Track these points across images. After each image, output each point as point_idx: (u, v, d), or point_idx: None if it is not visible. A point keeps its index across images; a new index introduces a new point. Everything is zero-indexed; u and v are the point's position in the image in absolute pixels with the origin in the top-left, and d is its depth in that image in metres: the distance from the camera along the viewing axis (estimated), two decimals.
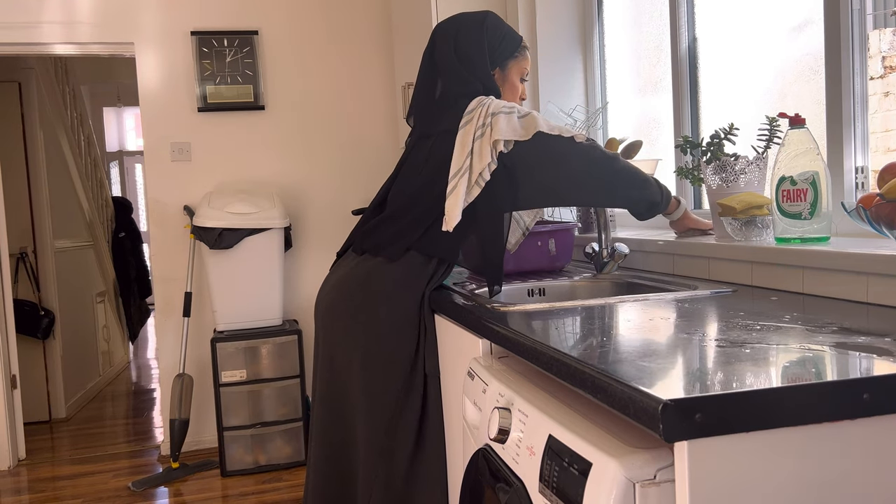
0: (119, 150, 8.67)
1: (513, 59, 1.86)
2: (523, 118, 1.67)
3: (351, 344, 1.73)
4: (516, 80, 1.88)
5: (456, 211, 1.63)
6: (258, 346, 3.26)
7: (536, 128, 1.65)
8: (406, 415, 1.70)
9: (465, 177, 1.64)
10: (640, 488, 0.78)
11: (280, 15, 3.66)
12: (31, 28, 3.42)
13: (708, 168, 1.74)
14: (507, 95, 1.86)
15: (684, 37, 2.27)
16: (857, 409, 0.77)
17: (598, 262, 1.93)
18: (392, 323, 1.70)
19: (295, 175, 3.71)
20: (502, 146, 1.65)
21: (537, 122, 1.66)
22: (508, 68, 1.86)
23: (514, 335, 1.17)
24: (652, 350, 0.99)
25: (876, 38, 1.58)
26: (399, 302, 1.71)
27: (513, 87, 1.88)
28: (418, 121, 1.86)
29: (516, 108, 1.69)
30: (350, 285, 1.76)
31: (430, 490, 1.70)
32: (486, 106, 1.68)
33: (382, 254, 1.73)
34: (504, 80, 1.86)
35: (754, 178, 1.68)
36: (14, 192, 4.11)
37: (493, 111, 1.67)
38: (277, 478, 3.20)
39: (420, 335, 1.72)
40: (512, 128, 1.65)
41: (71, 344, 4.50)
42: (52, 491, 3.19)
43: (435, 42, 1.82)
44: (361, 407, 1.71)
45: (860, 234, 1.53)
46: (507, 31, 1.86)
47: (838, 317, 1.15)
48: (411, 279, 1.71)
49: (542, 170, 1.66)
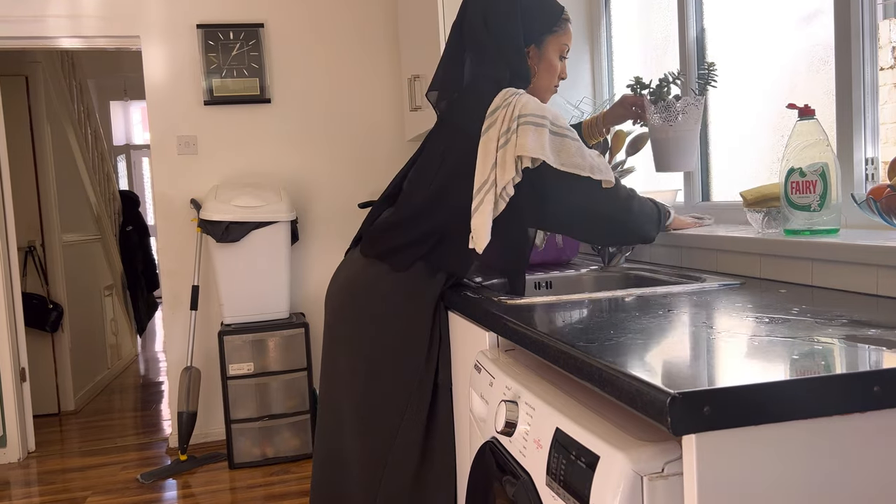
0: (126, 143, 8.69)
1: (551, 33, 1.67)
2: (556, 137, 1.52)
3: (354, 352, 1.67)
4: (555, 57, 1.69)
5: (485, 230, 1.51)
6: (265, 339, 3.26)
7: (567, 162, 1.52)
8: (408, 432, 1.64)
9: (492, 191, 1.52)
10: (648, 481, 0.78)
11: (286, 8, 3.66)
12: (37, 22, 3.43)
13: (653, 107, 1.90)
14: (544, 77, 1.70)
15: (692, 28, 2.25)
16: (868, 402, 0.76)
17: (605, 255, 1.92)
18: (398, 334, 1.64)
19: (301, 168, 3.70)
20: (529, 163, 1.51)
21: (570, 153, 1.52)
22: (546, 44, 1.67)
23: (520, 328, 1.16)
24: (659, 343, 0.99)
25: (886, 28, 1.56)
26: (406, 313, 1.64)
27: (550, 67, 1.70)
28: (439, 99, 1.72)
29: (547, 118, 1.53)
30: (357, 291, 1.68)
31: (435, 498, 1.66)
32: (512, 107, 1.53)
33: (389, 262, 1.66)
34: (541, 57, 1.68)
35: (692, 117, 1.87)
36: (22, 186, 4.12)
37: (519, 115, 1.51)
38: (285, 470, 3.22)
39: (431, 346, 1.65)
40: (540, 145, 1.50)
41: (79, 337, 4.52)
42: (62, 483, 3.21)
43: (466, 11, 1.66)
44: (362, 416, 1.66)
45: (870, 225, 1.52)
46: (546, 1, 1.68)
47: (848, 309, 1.14)
48: (419, 290, 1.64)
49: (561, 204, 1.56)
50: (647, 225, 1.65)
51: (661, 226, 1.71)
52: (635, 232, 1.64)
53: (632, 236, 1.67)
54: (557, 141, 1.52)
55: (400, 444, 1.64)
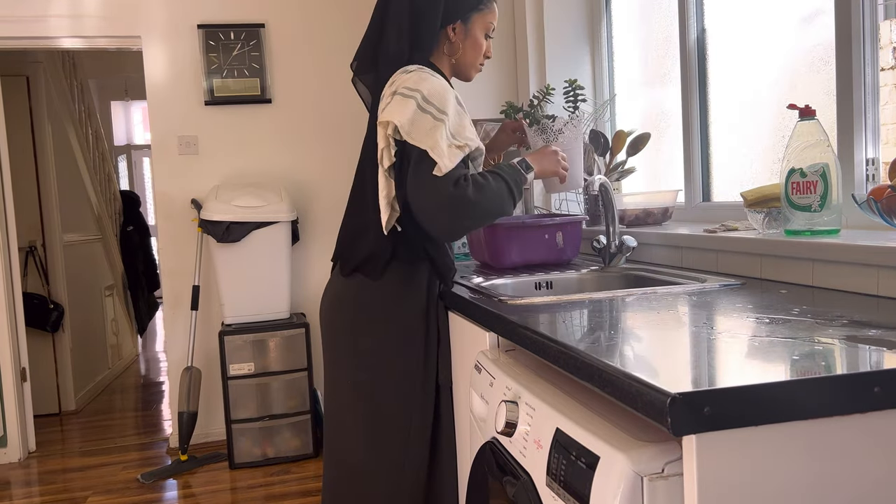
0: (127, 143, 8.69)
1: (477, 11, 1.68)
2: (421, 112, 1.50)
3: (353, 367, 1.66)
4: (480, 35, 1.70)
5: (385, 211, 1.54)
6: (266, 339, 3.26)
7: (417, 136, 1.49)
8: (418, 435, 1.64)
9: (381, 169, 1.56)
10: (648, 482, 0.78)
11: (286, 8, 3.66)
12: (38, 22, 3.43)
13: (531, 130, 1.86)
14: (469, 53, 1.70)
15: (693, 28, 2.25)
16: (868, 403, 0.76)
17: (605, 255, 1.92)
18: (391, 342, 1.63)
19: (302, 168, 3.70)
20: (391, 130, 1.51)
21: (423, 128, 1.48)
22: (472, 21, 1.68)
23: (521, 328, 1.16)
24: (660, 343, 0.99)
25: (887, 29, 1.56)
26: (395, 319, 1.63)
27: (475, 44, 1.70)
28: (361, 72, 1.75)
29: (421, 92, 1.51)
30: (344, 307, 1.67)
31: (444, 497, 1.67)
32: (394, 83, 1.55)
33: (363, 273, 1.64)
34: (466, 34, 1.69)
35: (573, 135, 1.81)
36: (23, 186, 4.12)
37: (395, 89, 1.53)
38: (285, 470, 3.22)
39: (428, 348, 1.65)
40: (400, 112, 1.49)
41: (80, 337, 4.52)
42: (62, 483, 3.22)
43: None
44: (372, 428, 1.65)
45: (871, 226, 1.52)
46: None
47: (848, 310, 1.14)
48: (401, 294, 1.63)
49: (411, 181, 1.52)
50: (506, 206, 1.57)
51: (517, 195, 1.60)
52: (477, 219, 1.54)
53: (470, 222, 1.54)
54: (419, 115, 1.50)
55: (413, 449, 1.65)
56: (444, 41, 1.68)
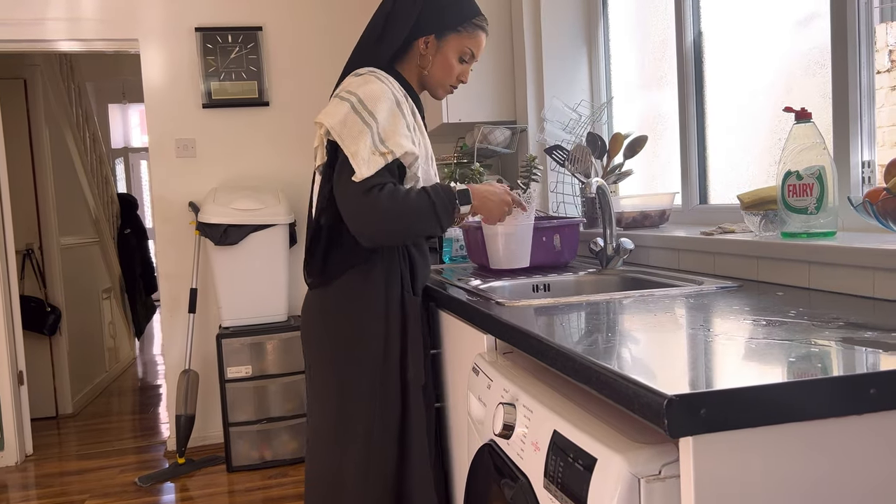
0: (124, 146, 8.69)
1: (454, 32, 1.63)
2: (354, 114, 1.49)
3: (324, 372, 1.67)
4: (453, 57, 1.65)
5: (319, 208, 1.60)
6: (263, 342, 3.26)
7: (345, 137, 1.49)
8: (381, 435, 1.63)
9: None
10: (645, 483, 0.78)
11: (284, 11, 3.66)
12: (35, 25, 3.43)
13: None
14: (437, 71, 1.66)
15: (689, 31, 2.26)
16: (864, 405, 0.76)
17: (603, 258, 1.92)
18: (349, 343, 1.63)
19: (299, 171, 3.71)
20: (323, 130, 1.54)
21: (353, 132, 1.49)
22: (447, 40, 1.64)
23: (518, 331, 1.16)
24: (657, 345, 0.99)
25: (883, 32, 1.57)
26: (352, 319, 1.63)
27: (446, 65, 1.65)
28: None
29: (357, 95, 1.51)
30: (310, 317, 1.70)
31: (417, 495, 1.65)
32: (341, 85, 1.58)
33: (323, 280, 1.66)
34: (437, 50, 1.64)
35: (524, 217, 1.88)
36: (20, 189, 4.12)
37: (339, 90, 1.55)
38: (283, 473, 3.21)
39: (388, 345, 1.63)
40: (332, 114, 1.52)
41: (77, 340, 4.51)
42: (60, 486, 3.21)
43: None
44: (341, 429, 1.65)
45: (867, 228, 1.53)
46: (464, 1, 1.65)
47: (844, 312, 1.14)
48: (357, 293, 1.63)
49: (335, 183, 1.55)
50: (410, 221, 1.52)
51: (443, 219, 1.56)
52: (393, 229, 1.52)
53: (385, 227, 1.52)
54: (351, 118, 1.50)
55: (378, 448, 1.63)
56: (417, 51, 1.66)
